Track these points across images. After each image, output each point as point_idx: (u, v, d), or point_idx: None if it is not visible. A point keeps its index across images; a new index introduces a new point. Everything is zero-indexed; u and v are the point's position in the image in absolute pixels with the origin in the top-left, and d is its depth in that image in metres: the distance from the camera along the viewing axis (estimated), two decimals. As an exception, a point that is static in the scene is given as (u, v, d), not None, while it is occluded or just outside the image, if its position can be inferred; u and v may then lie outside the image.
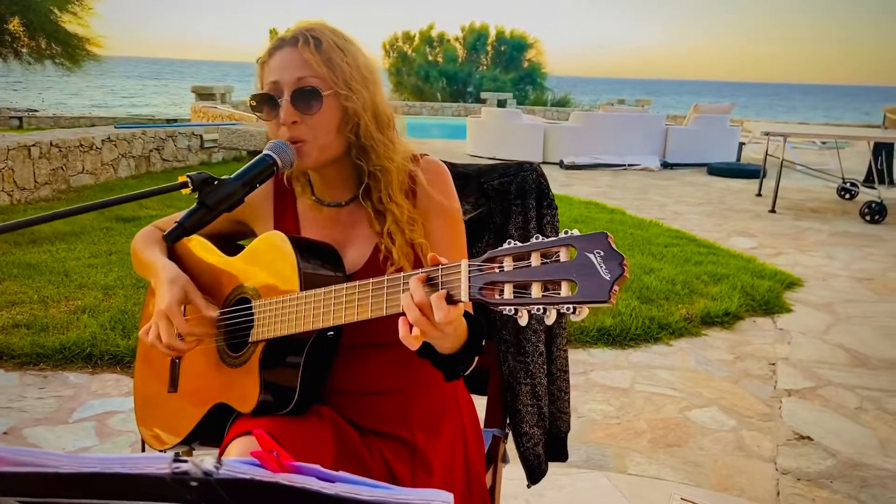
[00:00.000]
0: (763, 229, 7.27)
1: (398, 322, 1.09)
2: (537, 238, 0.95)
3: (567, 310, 0.89)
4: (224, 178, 1.25)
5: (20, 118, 15.54)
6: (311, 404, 1.34)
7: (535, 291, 0.92)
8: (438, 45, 28.35)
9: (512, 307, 0.94)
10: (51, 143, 7.48)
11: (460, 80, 27.38)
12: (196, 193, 1.23)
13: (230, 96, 16.96)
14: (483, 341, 1.24)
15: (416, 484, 1.35)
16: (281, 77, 1.33)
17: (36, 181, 7.26)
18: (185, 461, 0.72)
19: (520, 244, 0.96)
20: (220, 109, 13.91)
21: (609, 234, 0.90)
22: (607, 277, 0.88)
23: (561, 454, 1.81)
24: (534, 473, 1.74)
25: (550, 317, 0.91)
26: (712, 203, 8.80)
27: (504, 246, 0.97)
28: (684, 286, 4.88)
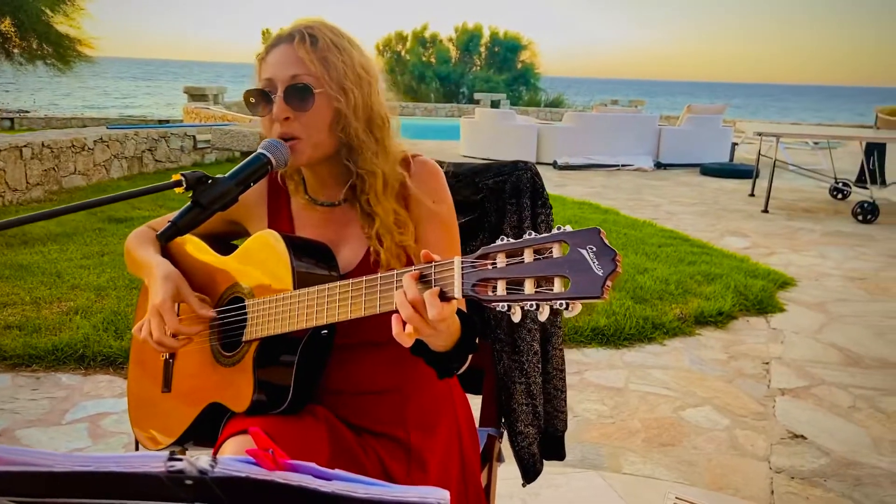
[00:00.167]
0: (756, 229, 7.30)
1: (392, 319, 1.08)
2: (530, 234, 0.95)
3: (560, 306, 0.89)
4: (218, 176, 1.25)
5: (11, 119, 15.47)
6: (306, 403, 1.34)
7: (528, 288, 0.92)
8: (431, 45, 28.35)
9: (505, 303, 0.94)
10: (42, 144, 7.44)
11: (453, 80, 27.38)
12: (190, 192, 1.22)
13: (223, 97, 16.92)
14: (476, 339, 1.24)
15: (412, 483, 1.35)
16: (275, 74, 1.33)
17: (28, 182, 7.23)
18: (181, 459, 0.72)
19: (512, 241, 0.96)
20: (212, 110, 13.88)
21: (601, 229, 0.90)
22: (600, 273, 0.87)
23: (559, 453, 1.81)
24: (529, 472, 1.74)
25: (543, 313, 0.91)
26: (706, 203, 8.83)
27: (497, 242, 0.97)
28: (678, 286, 4.89)
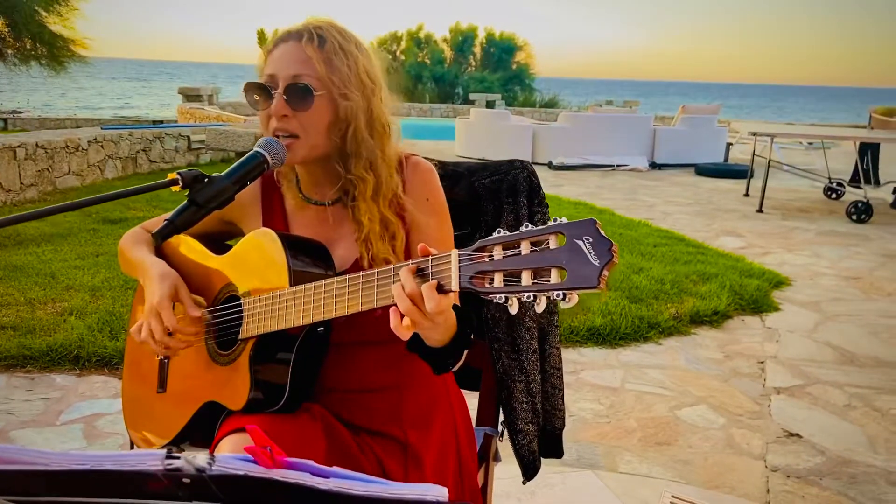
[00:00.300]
0: (751, 229, 7.32)
1: (389, 312, 1.08)
2: (527, 226, 0.95)
3: (557, 296, 0.90)
4: (214, 175, 1.25)
5: (5, 119, 15.41)
6: (302, 402, 1.33)
7: (525, 279, 0.93)
8: (426, 45, 28.35)
9: (502, 295, 0.95)
10: (36, 145, 7.41)
11: (447, 80, 27.39)
12: (186, 191, 1.22)
13: (217, 97, 16.89)
14: (472, 335, 1.24)
15: (409, 481, 1.34)
16: (278, 70, 1.33)
17: (21, 183, 7.20)
18: (178, 457, 0.72)
19: (509, 233, 0.96)
20: (207, 111, 13.86)
21: (597, 220, 0.91)
22: (596, 263, 0.88)
23: (557, 450, 1.82)
24: (529, 469, 1.74)
25: (541, 304, 0.91)
26: (700, 203, 8.85)
27: (494, 235, 0.97)
28: (673, 285, 4.90)
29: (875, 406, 3.37)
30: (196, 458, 0.72)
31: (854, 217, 7.83)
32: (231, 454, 0.73)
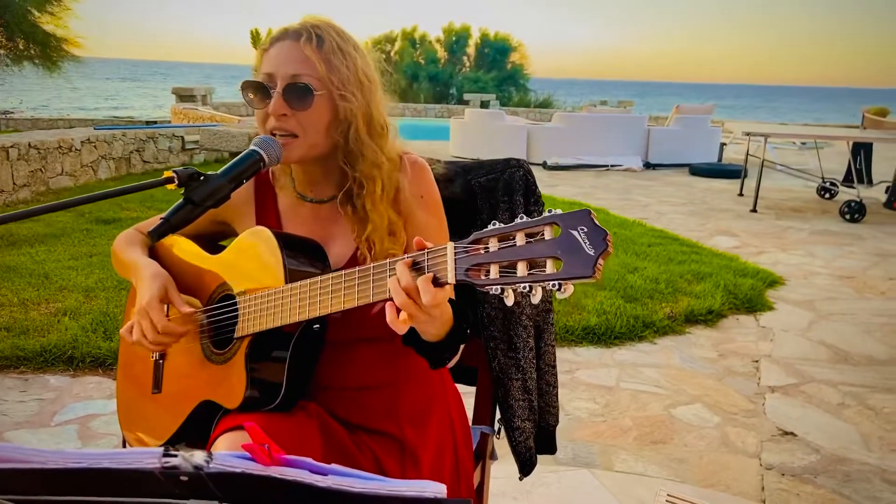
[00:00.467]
0: (745, 228, 7.33)
1: (385, 306, 1.08)
2: (522, 218, 0.95)
3: (553, 286, 0.90)
4: (210, 173, 1.24)
5: (-3, 120, 15.35)
6: (298, 400, 1.33)
7: (521, 270, 0.93)
8: (420, 45, 28.33)
9: (498, 286, 0.95)
10: (29, 145, 7.38)
11: (442, 80, 27.37)
12: (182, 189, 1.21)
13: (211, 98, 16.85)
14: (468, 330, 1.24)
15: (406, 478, 1.34)
16: (277, 69, 1.33)
17: (14, 183, 7.17)
18: (175, 455, 0.72)
19: (504, 225, 0.97)
20: (201, 111, 13.83)
21: (592, 210, 0.91)
22: (591, 253, 0.88)
23: (550, 447, 1.82)
24: (525, 466, 1.75)
25: (536, 295, 0.92)
26: (695, 203, 8.86)
27: (489, 227, 0.98)
28: (668, 285, 4.91)
29: (869, 404, 3.39)
30: (194, 455, 0.71)
31: (847, 216, 7.86)
32: (229, 452, 0.73)
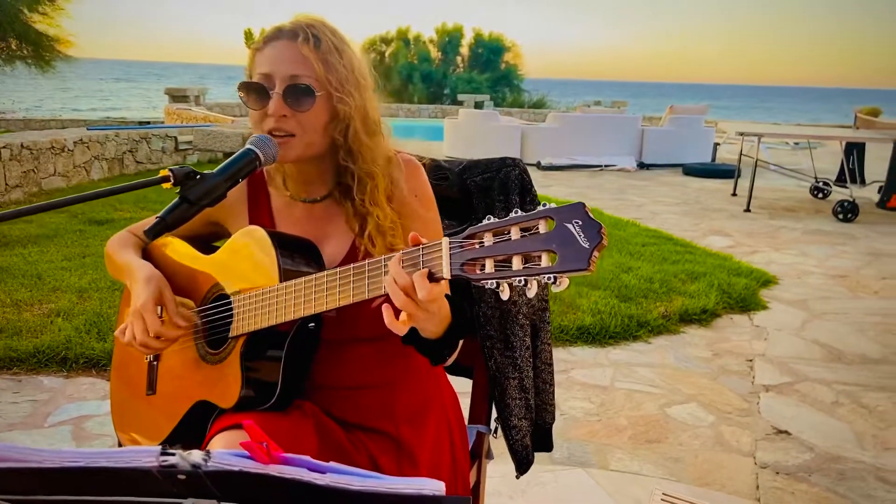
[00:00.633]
0: (738, 228, 7.36)
1: (382, 309, 1.08)
2: (516, 212, 0.95)
3: (548, 280, 0.90)
4: (206, 172, 1.24)
5: (-11, 121, 15.28)
6: (293, 399, 1.33)
7: (516, 264, 0.93)
8: (413, 46, 28.33)
9: (493, 280, 0.95)
10: (21, 145, 7.35)
11: (435, 80, 27.37)
12: (177, 188, 1.21)
13: (204, 98, 16.81)
14: (466, 326, 1.24)
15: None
16: (275, 70, 1.32)
17: (7, 184, 7.14)
18: (173, 454, 0.71)
19: (499, 219, 0.97)
20: (194, 111, 13.79)
21: (586, 203, 0.91)
22: (586, 245, 0.89)
23: (546, 445, 1.83)
24: (522, 464, 1.75)
25: (532, 289, 0.92)
26: (688, 203, 8.89)
27: (484, 222, 0.98)
28: (662, 284, 4.92)
29: (862, 403, 3.40)
30: (191, 454, 0.71)
31: (840, 216, 7.89)
32: (227, 450, 0.73)
